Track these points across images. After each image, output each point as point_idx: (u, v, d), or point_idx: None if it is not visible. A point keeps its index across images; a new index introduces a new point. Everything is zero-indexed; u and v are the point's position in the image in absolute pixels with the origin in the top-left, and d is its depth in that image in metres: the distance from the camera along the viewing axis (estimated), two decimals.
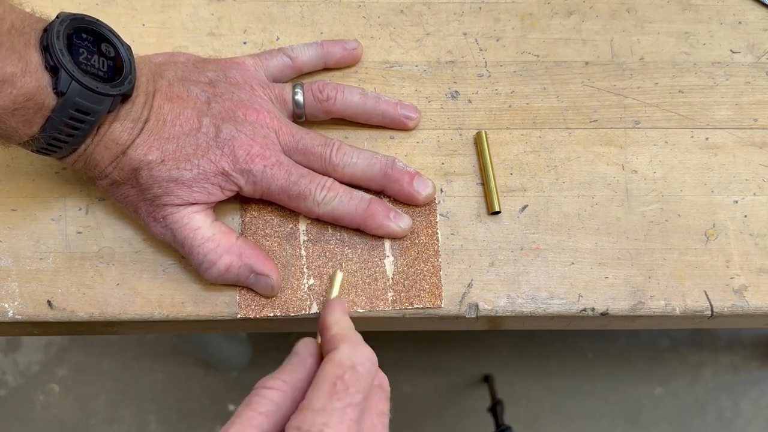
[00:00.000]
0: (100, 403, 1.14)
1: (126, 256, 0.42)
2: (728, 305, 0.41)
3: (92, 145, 0.37)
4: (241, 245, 0.40)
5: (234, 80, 0.41)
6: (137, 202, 0.39)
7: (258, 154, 0.39)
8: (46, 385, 1.16)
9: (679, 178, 0.44)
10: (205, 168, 0.38)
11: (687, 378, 1.14)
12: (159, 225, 0.39)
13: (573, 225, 0.43)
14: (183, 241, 0.39)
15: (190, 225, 0.39)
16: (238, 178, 0.39)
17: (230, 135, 0.38)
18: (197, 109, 0.39)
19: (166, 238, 0.40)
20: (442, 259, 0.42)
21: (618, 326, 0.44)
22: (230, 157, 0.38)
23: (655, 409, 1.13)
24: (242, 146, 0.38)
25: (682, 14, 0.48)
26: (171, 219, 0.39)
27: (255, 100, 0.40)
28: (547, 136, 0.45)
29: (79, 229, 0.42)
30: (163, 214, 0.39)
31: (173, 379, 1.15)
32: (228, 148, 0.38)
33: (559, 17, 0.48)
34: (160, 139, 0.37)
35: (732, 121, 0.45)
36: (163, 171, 0.37)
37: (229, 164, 0.38)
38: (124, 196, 0.39)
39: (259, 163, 0.38)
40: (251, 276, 0.39)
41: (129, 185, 0.39)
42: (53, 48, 0.33)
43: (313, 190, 0.39)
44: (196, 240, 0.39)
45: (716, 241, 0.43)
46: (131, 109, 0.37)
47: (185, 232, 0.39)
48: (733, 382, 1.14)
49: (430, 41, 0.47)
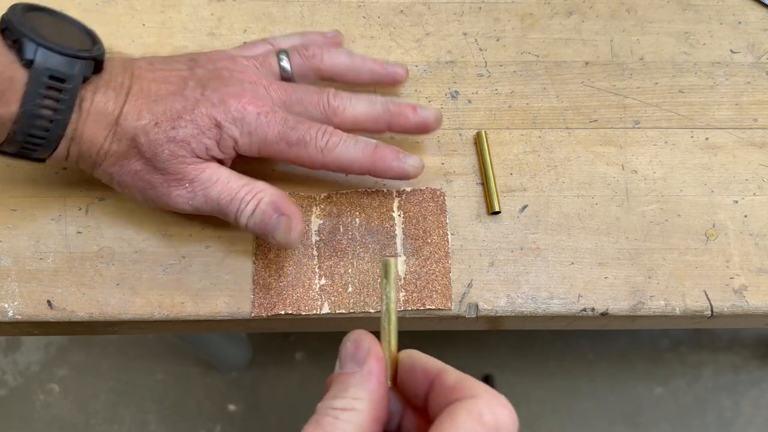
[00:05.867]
0: (100, 403, 1.14)
1: (126, 256, 0.42)
2: (728, 305, 0.41)
3: (80, 122, 0.36)
4: (271, 186, 0.38)
5: (215, 55, 0.41)
6: (149, 175, 0.37)
7: (250, 102, 0.37)
8: (46, 385, 1.16)
9: (679, 178, 0.44)
10: (199, 122, 0.37)
11: (687, 378, 1.14)
12: (185, 190, 0.38)
13: (573, 225, 0.43)
14: (218, 197, 0.37)
15: (220, 180, 0.38)
16: (232, 129, 0.37)
17: (218, 88, 0.37)
18: (180, 74, 0.38)
19: (194, 202, 0.38)
20: None
21: (618, 326, 0.44)
22: (221, 107, 0.37)
23: (655, 409, 1.13)
24: (232, 96, 0.37)
25: (682, 14, 0.48)
26: (199, 180, 0.37)
27: (239, 65, 0.40)
28: (547, 136, 0.45)
29: (79, 228, 0.42)
30: (187, 177, 0.37)
31: (173, 379, 1.15)
32: (218, 99, 0.37)
33: (559, 17, 0.48)
34: (149, 102, 0.37)
35: (732, 121, 0.45)
36: (160, 133, 0.36)
37: (222, 114, 0.37)
38: (134, 173, 0.38)
39: (252, 110, 0.37)
40: (275, 217, 0.37)
41: (134, 158, 0.37)
42: (11, 24, 0.33)
43: (314, 134, 0.38)
44: (232, 191, 0.37)
45: (716, 241, 0.43)
46: (110, 79, 0.36)
47: (218, 187, 0.38)
48: (733, 382, 1.14)
49: (429, 41, 0.47)
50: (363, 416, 0.26)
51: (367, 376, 0.27)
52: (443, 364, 0.28)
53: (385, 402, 0.27)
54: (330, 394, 0.27)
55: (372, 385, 0.27)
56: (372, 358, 0.28)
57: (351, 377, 0.27)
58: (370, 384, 0.27)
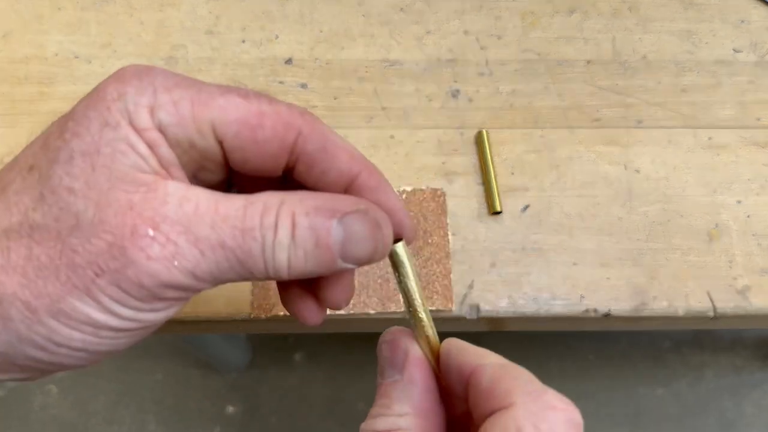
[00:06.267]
0: (99, 404, 1.14)
1: None
2: (731, 306, 0.41)
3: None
4: (292, 193, 0.24)
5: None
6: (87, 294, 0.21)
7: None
8: (44, 386, 1.15)
9: (681, 177, 0.44)
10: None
11: (688, 379, 1.14)
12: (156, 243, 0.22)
13: (575, 225, 0.42)
14: (222, 241, 0.22)
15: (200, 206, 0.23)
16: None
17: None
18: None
19: (183, 262, 0.22)
20: None
21: (620, 327, 0.44)
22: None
23: (657, 410, 1.12)
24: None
25: (684, 13, 0.48)
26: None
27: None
28: (549, 136, 0.44)
29: None
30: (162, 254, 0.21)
31: (172, 380, 1.15)
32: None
33: (560, 15, 0.47)
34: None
35: (735, 120, 0.45)
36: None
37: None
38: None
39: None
40: (333, 222, 0.23)
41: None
42: None
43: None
44: (231, 218, 0.22)
45: (719, 241, 0.42)
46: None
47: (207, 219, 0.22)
48: (735, 383, 1.13)
49: (430, 39, 0.47)
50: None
51: (409, 386, 0.24)
52: (481, 355, 0.23)
53: (435, 411, 0.24)
54: (373, 411, 0.24)
55: (416, 395, 0.23)
56: (412, 362, 0.24)
57: (392, 388, 0.24)
58: (413, 394, 0.23)
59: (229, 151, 0.24)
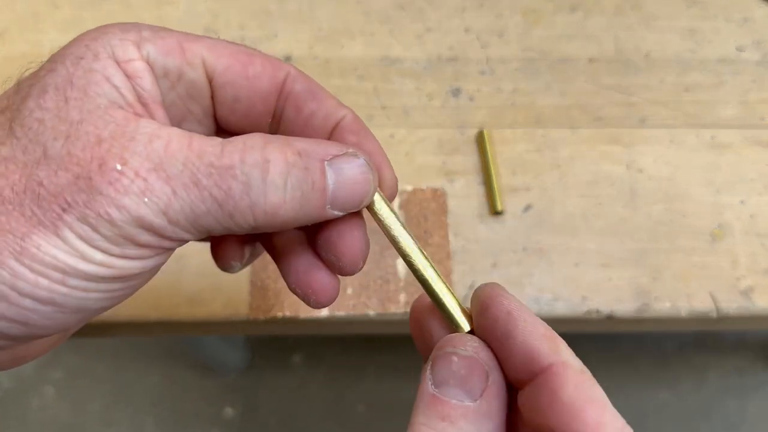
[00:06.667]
0: (96, 406, 1.14)
1: None
2: (734, 307, 0.41)
3: None
4: (273, 135, 0.22)
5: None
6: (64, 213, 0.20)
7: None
8: (40, 388, 1.15)
9: (684, 177, 0.43)
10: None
11: (692, 381, 1.13)
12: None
13: (577, 225, 0.42)
14: (196, 179, 0.20)
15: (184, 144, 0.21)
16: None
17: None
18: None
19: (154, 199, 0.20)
20: None
21: (623, 329, 0.43)
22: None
23: (661, 412, 1.12)
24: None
25: (687, 11, 0.47)
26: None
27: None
28: (551, 135, 0.44)
29: None
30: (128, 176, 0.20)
31: (170, 381, 1.14)
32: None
33: (562, 13, 0.47)
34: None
35: (738, 119, 0.45)
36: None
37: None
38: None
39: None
40: (326, 164, 0.22)
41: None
42: None
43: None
44: (207, 154, 0.20)
45: (722, 241, 0.42)
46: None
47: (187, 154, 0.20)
48: (740, 385, 1.13)
49: (431, 37, 0.46)
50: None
51: (484, 419, 0.20)
52: (553, 345, 0.20)
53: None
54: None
55: (490, 430, 0.20)
56: (493, 391, 0.20)
57: (461, 414, 0.20)
58: (486, 428, 0.20)
59: (219, 87, 0.23)
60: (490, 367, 0.21)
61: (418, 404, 0.20)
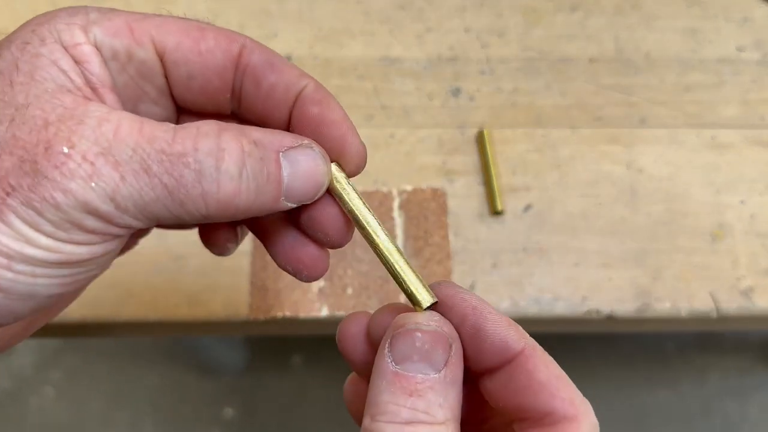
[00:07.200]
0: (95, 407, 1.13)
1: (120, 257, 0.41)
2: (735, 307, 0.41)
3: None
4: (227, 123, 0.22)
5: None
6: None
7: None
8: (40, 388, 1.15)
9: (685, 177, 0.43)
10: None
11: (693, 381, 1.13)
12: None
13: (578, 225, 0.42)
14: (146, 165, 0.20)
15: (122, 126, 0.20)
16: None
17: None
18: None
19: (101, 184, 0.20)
20: None
21: (623, 329, 0.43)
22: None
23: (661, 412, 1.12)
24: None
25: (688, 11, 0.47)
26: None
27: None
28: (551, 135, 0.44)
29: None
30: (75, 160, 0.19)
31: (169, 382, 1.14)
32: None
33: (562, 13, 0.47)
34: None
35: (739, 119, 0.45)
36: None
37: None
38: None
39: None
40: (281, 155, 0.22)
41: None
42: None
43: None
44: (158, 139, 0.20)
45: (723, 241, 0.42)
46: None
47: (136, 138, 0.20)
48: (740, 385, 1.13)
49: (431, 37, 0.46)
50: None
51: (450, 387, 0.20)
52: (522, 332, 0.21)
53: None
54: (402, 413, 0.20)
55: (456, 398, 0.21)
56: (456, 359, 0.21)
57: (427, 387, 0.20)
58: (452, 397, 0.20)
59: (172, 65, 0.23)
60: (453, 338, 0.21)
61: (378, 383, 0.20)
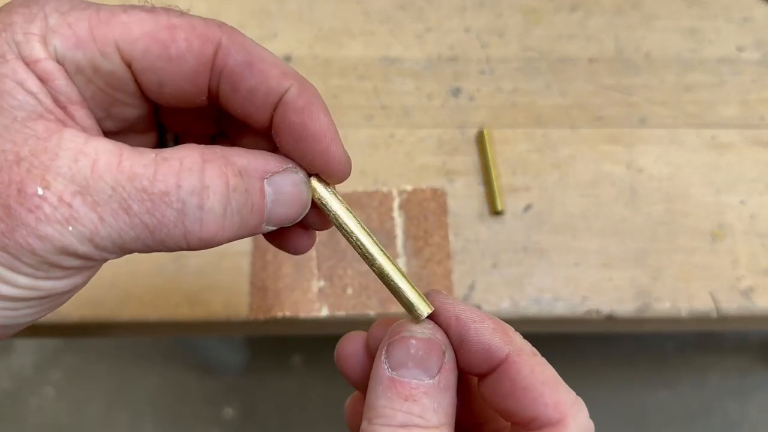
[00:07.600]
0: (95, 407, 1.13)
1: (119, 258, 0.41)
2: (735, 307, 0.41)
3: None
4: (211, 148, 0.21)
5: None
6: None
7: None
8: (39, 389, 1.15)
9: (685, 177, 0.43)
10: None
11: (693, 381, 1.13)
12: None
13: (578, 225, 0.42)
14: (127, 206, 0.19)
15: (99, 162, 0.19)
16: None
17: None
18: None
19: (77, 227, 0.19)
20: None
21: (624, 329, 0.43)
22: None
23: (661, 412, 1.12)
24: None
25: (688, 10, 0.47)
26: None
27: None
28: (551, 135, 0.44)
29: None
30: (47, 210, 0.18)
31: (169, 382, 1.14)
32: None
33: (562, 13, 0.47)
34: None
35: (739, 119, 0.45)
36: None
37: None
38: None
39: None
40: (264, 183, 0.21)
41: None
42: None
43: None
44: (138, 177, 0.19)
45: (723, 241, 0.42)
46: None
47: (114, 175, 0.19)
48: (740, 385, 1.13)
49: (431, 37, 0.46)
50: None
51: (444, 393, 0.21)
52: (508, 338, 0.22)
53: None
54: (398, 417, 0.20)
55: (449, 404, 0.21)
56: (450, 366, 0.21)
57: (422, 393, 0.21)
58: (446, 402, 0.21)
59: (140, 73, 0.21)
60: (446, 345, 0.22)
61: (375, 389, 0.21)
